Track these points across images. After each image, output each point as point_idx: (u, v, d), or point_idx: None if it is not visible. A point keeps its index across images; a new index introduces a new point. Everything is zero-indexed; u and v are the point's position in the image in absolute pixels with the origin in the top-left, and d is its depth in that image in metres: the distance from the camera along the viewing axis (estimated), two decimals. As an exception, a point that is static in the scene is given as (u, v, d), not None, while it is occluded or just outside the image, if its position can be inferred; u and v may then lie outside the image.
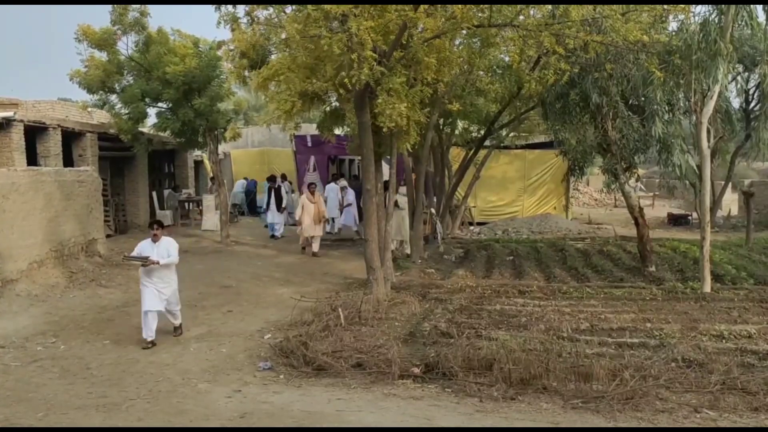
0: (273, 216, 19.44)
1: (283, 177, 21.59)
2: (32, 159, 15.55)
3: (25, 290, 10.92)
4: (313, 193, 16.53)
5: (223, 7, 11.67)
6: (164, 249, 8.92)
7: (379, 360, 7.43)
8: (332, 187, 20.02)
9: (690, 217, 23.09)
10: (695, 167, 12.32)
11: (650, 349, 7.74)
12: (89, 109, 19.68)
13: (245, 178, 26.30)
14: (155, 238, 8.89)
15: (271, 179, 20.07)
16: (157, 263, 8.73)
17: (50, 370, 7.61)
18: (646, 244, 13.50)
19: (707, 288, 11.09)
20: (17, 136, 14.59)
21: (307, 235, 16.41)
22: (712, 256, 11.91)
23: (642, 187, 33.71)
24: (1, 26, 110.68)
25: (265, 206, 19.89)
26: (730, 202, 25.31)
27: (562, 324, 8.88)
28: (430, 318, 9.55)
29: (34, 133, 15.64)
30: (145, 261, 8.74)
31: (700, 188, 11.69)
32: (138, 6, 16.36)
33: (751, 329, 8.53)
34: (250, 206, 25.82)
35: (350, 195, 19.50)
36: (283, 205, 19.62)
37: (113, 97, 17.66)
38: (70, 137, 17.16)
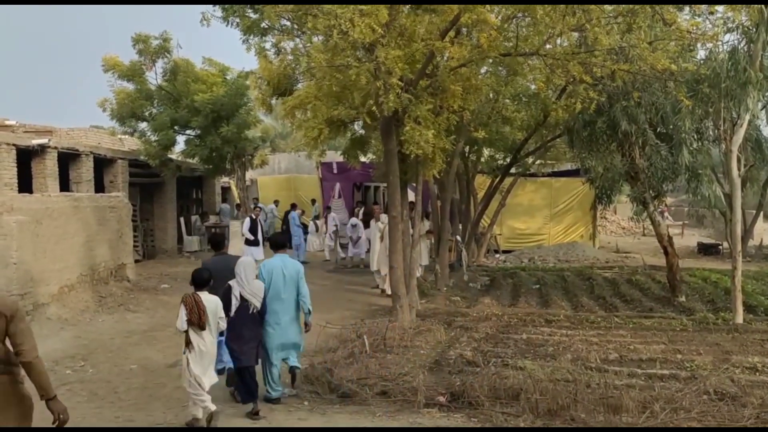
0: (259, 252, 15.90)
1: (293, 206, 21.09)
2: (64, 185, 15.89)
3: (56, 314, 11.07)
4: None
5: (251, 39, 11.99)
6: None
7: (404, 388, 7.36)
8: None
9: (720, 247, 22.69)
10: (724, 196, 12.16)
11: (681, 381, 7.56)
12: (119, 137, 20.16)
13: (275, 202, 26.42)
14: None
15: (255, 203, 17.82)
16: None
17: (79, 394, 7.68)
18: (675, 273, 13.30)
19: (739, 319, 10.85)
20: (51, 162, 14.96)
21: (385, 272, 13.71)
22: (743, 287, 11.66)
23: (668, 216, 33.22)
24: (38, 57, 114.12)
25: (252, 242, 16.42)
26: (762, 232, 24.81)
27: (590, 354, 8.73)
28: (456, 346, 9.46)
29: (67, 159, 16.01)
30: None
31: (730, 217, 11.53)
32: (160, 33, 16.85)
33: (785, 362, 8.31)
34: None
35: (360, 230, 18.67)
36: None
37: (143, 125, 18.07)
38: (102, 163, 17.52)
